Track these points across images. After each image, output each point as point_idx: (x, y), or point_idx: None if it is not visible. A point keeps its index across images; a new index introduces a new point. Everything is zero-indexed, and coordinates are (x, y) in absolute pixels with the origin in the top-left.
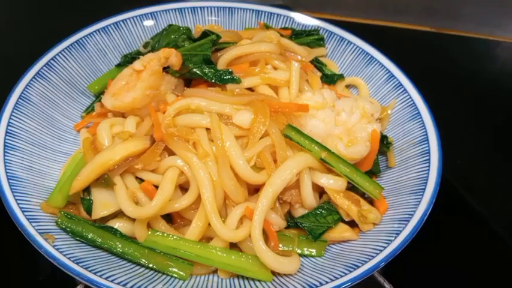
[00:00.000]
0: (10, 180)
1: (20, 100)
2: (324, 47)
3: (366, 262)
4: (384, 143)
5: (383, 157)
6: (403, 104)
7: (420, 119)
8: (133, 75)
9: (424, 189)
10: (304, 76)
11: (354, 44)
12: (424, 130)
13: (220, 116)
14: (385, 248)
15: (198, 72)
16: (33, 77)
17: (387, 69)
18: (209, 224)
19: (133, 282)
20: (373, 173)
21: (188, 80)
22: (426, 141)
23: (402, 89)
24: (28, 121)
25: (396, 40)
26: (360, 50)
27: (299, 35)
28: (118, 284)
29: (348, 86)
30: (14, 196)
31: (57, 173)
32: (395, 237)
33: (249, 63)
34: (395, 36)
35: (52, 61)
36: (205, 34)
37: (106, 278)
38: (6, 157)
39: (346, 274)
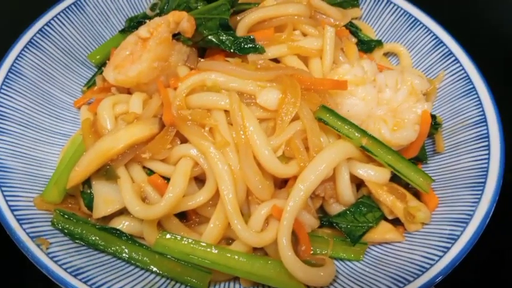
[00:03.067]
0: None
1: (10, 74)
2: (359, 7)
3: (418, 275)
4: (432, 124)
5: (429, 140)
6: (454, 76)
7: (476, 96)
8: (139, 43)
9: (484, 183)
10: (339, 44)
11: (395, 4)
12: (480, 109)
13: (241, 94)
14: (440, 257)
15: (214, 40)
16: (25, 47)
17: (434, 34)
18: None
19: None
20: (418, 159)
21: (202, 48)
22: (484, 123)
23: (453, 58)
24: (20, 99)
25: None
26: (402, 11)
27: None
28: None
29: (386, 54)
30: (3, 192)
31: (55, 159)
32: (453, 243)
33: (274, 28)
34: None
35: (46, 27)
36: None
37: None
38: None
39: None
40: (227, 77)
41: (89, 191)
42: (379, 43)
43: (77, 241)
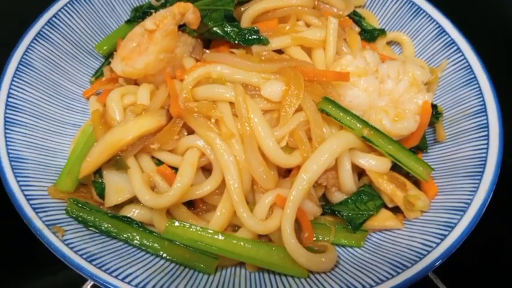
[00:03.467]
0: (13, 163)
1: (20, 66)
2: None
3: (416, 262)
4: (433, 113)
5: (430, 129)
6: (456, 65)
7: (476, 85)
8: (145, 35)
9: (482, 172)
10: (342, 34)
11: None
12: (481, 99)
13: (245, 86)
14: (438, 244)
15: (218, 31)
16: (34, 39)
17: (437, 23)
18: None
19: (153, 282)
20: (419, 148)
21: (207, 39)
22: (484, 113)
23: (455, 47)
24: (31, 90)
25: None
26: (405, 0)
27: None
28: (135, 286)
29: (389, 43)
30: (18, 182)
31: (66, 149)
32: (450, 231)
33: (278, 19)
34: None
35: (54, 19)
36: None
37: (123, 279)
38: (7, 135)
39: (393, 276)
40: (232, 69)
41: (100, 180)
42: (382, 32)
43: (90, 228)
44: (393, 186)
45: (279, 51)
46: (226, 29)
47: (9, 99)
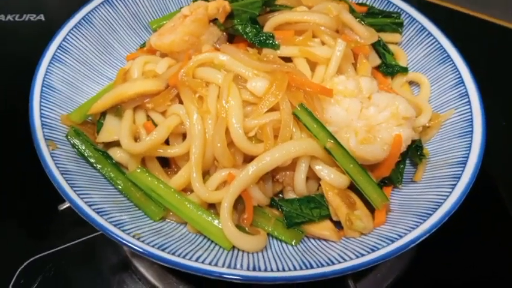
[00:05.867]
0: (44, 88)
1: (82, 21)
2: (400, 33)
3: (319, 266)
4: (418, 154)
5: (414, 168)
6: (460, 116)
7: (469, 139)
8: (181, 19)
9: (430, 215)
10: (351, 59)
11: (434, 37)
12: (467, 152)
13: (239, 77)
14: (351, 259)
15: (239, 29)
16: (102, 3)
17: (459, 73)
18: None
19: (102, 206)
20: (391, 181)
21: (232, 36)
22: (463, 165)
23: (466, 99)
24: (84, 41)
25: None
26: (438, 46)
27: (374, 15)
28: (86, 203)
29: (410, 83)
30: (41, 102)
31: (94, 94)
32: (369, 253)
33: (296, 32)
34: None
35: None
36: None
37: (79, 195)
38: (49, 67)
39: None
40: (232, 61)
41: (102, 122)
42: (403, 69)
43: (79, 155)
44: (340, 201)
45: (289, 60)
46: (246, 29)
47: (63, 43)
